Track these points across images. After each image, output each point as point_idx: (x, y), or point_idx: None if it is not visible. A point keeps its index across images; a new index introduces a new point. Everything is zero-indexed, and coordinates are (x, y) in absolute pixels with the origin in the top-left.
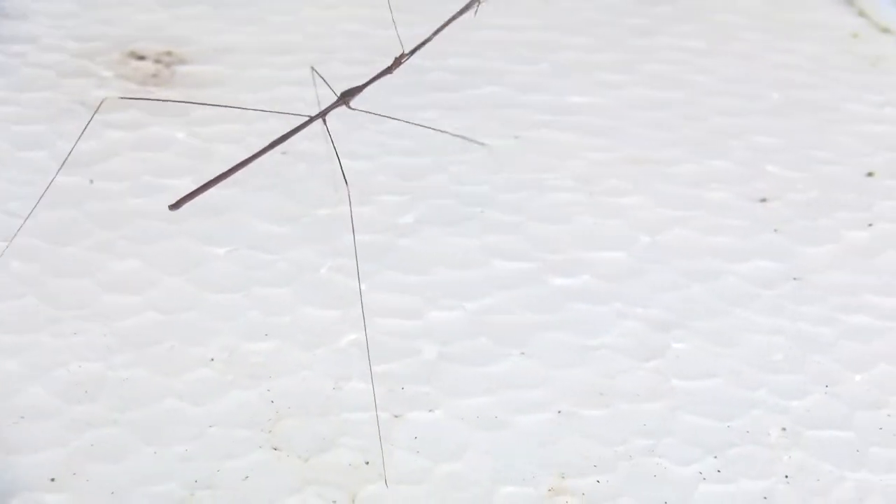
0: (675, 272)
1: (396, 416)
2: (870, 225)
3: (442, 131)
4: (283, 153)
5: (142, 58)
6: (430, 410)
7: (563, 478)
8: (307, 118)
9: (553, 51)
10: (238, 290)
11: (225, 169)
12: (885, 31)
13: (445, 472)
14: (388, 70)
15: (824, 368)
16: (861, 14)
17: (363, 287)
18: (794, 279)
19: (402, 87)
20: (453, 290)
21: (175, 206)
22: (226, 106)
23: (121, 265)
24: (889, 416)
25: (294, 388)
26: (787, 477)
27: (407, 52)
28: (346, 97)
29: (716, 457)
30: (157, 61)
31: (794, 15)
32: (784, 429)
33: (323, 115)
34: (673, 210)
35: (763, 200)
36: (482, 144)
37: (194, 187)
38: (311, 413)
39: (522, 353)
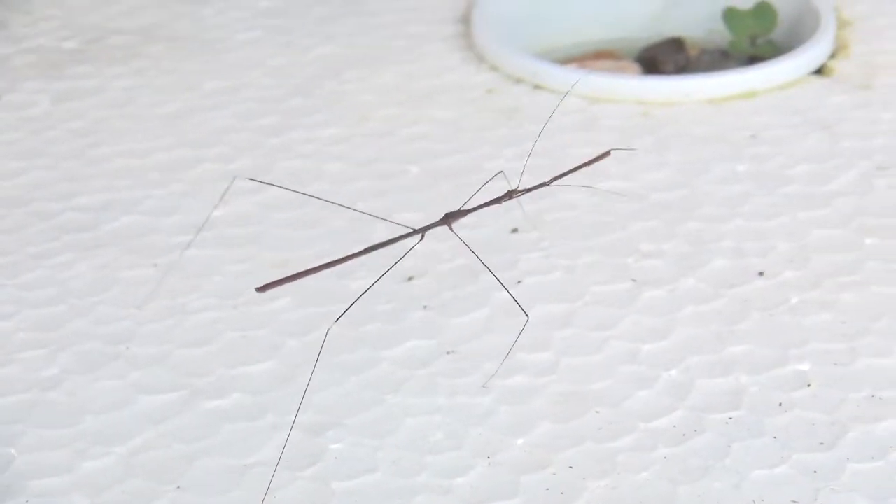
0: (327, 371)
1: None
2: (518, 282)
3: None
4: None
5: None
6: None
7: None
8: (411, 231)
9: (187, 168)
10: None
11: (320, 263)
12: (519, 81)
13: None
14: (498, 200)
15: (486, 438)
16: (493, 69)
17: (13, 451)
18: (448, 353)
19: (32, 236)
20: (103, 437)
21: (262, 289)
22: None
23: None
24: (554, 474)
25: None
26: None
27: (521, 189)
28: (449, 218)
29: None
30: None
31: (428, 83)
32: None
33: (423, 230)
34: (319, 307)
35: (410, 279)
36: None
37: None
38: None
39: (178, 487)
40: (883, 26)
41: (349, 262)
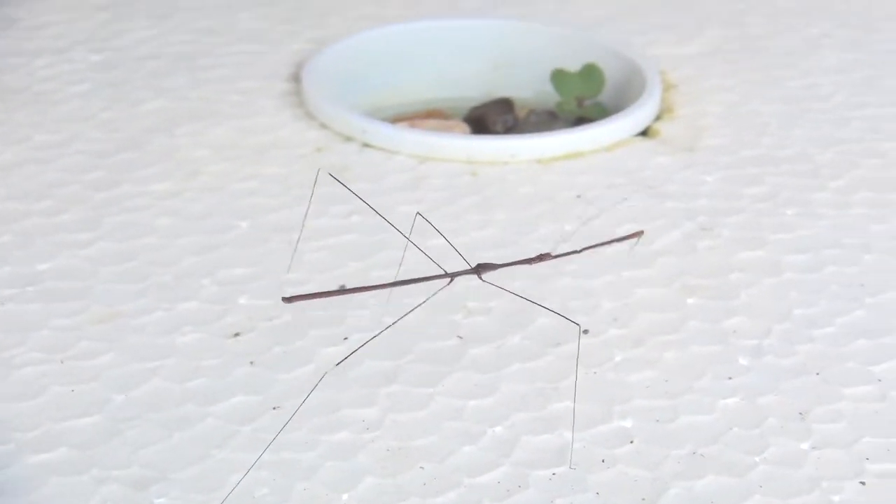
0: (152, 426)
1: None
2: (345, 339)
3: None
4: None
5: None
6: None
7: None
8: (443, 273)
9: (14, 220)
10: None
11: (351, 286)
12: (348, 139)
13: None
14: (529, 261)
15: (311, 493)
16: (323, 126)
17: None
18: (274, 409)
19: None
20: None
21: (289, 299)
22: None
23: None
24: None
25: None
26: None
27: (554, 254)
28: (480, 269)
29: None
30: None
31: (259, 139)
32: None
33: (454, 275)
34: (145, 362)
35: (236, 335)
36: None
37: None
38: None
39: None
40: (707, 89)
41: (185, 316)
